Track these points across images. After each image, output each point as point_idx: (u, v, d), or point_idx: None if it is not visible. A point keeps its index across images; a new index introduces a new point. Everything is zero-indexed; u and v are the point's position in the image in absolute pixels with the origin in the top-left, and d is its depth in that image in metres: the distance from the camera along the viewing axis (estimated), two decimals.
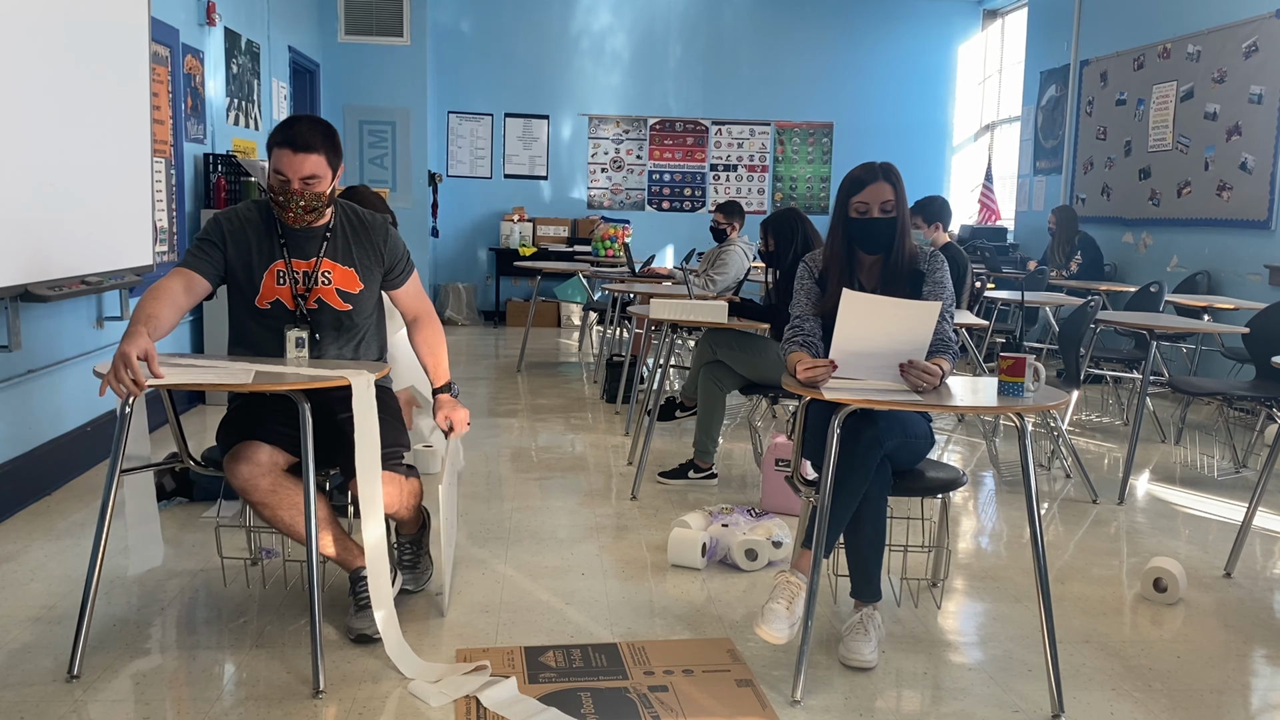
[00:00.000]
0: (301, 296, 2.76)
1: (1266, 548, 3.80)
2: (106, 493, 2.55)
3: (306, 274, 2.77)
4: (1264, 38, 6.56)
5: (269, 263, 2.76)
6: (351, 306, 2.82)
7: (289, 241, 2.77)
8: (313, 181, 2.67)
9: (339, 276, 2.80)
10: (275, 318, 2.77)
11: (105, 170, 4.25)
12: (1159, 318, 4.96)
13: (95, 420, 4.44)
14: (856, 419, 2.64)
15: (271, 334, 2.78)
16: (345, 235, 2.84)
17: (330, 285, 2.79)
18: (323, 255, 2.79)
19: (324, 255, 2.79)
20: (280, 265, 2.75)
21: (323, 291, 2.78)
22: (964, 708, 2.47)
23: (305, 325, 2.77)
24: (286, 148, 2.65)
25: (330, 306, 2.79)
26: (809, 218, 4.26)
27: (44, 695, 2.40)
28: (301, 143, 2.65)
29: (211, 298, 2.80)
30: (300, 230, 2.76)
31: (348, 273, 2.81)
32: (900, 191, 2.80)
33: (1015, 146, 10.17)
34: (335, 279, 2.79)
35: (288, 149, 2.65)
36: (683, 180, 10.90)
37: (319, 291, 2.77)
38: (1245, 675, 2.71)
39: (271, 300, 2.76)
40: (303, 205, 2.69)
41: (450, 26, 10.43)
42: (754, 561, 3.37)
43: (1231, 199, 6.84)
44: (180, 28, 5.49)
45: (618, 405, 6.09)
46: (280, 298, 2.76)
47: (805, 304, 2.89)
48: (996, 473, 4.83)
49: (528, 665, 2.60)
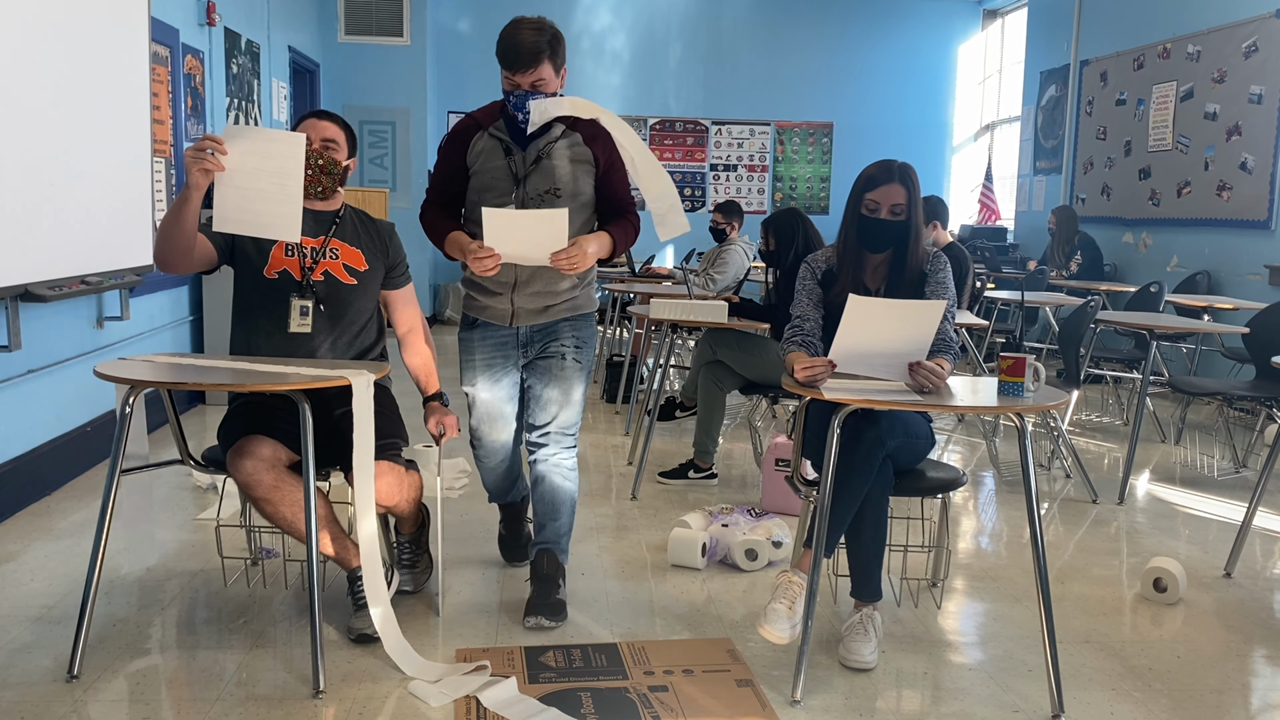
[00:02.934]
0: (309, 269, 2.85)
1: (1266, 548, 3.80)
2: (106, 493, 2.55)
3: (314, 249, 2.87)
4: (1264, 38, 6.56)
5: None
6: (356, 282, 2.90)
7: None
8: (332, 147, 2.83)
9: (346, 254, 2.91)
10: (281, 288, 2.84)
11: (105, 170, 4.25)
12: (1159, 318, 4.96)
13: (95, 420, 4.44)
14: (859, 419, 2.64)
15: (276, 304, 2.83)
16: (354, 224, 2.97)
17: (338, 260, 2.89)
18: (331, 235, 2.90)
19: (333, 235, 2.90)
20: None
21: (330, 265, 2.88)
22: (964, 708, 2.47)
23: (310, 296, 2.84)
24: (311, 117, 2.87)
25: (336, 280, 2.87)
26: (809, 218, 4.26)
27: (44, 695, 2.40)
28: (326, 115, 2.89)
29: (213, 272, 2.86)
30: (311, 212, 2.85)
31: (354, 252, 2.92)
32: (915, 195, 2.78)
33: (1015, 146, 10.17)
34: (343, 255, 2.90)
35: (312, 118, 2.87)
36: (683, 180, 10.90)
37: (326, 265, 2.87)
38: (1245, 675, 2.71)
39: (279, 270, 2.84)
40: (320, 165, 2.80)
41: (450, 26, 10.43)
42: (754, 561, 3.37)
43: (1231, 199, 6.84)
44: (180, 28, 5.49)
45: (618, 405, 6.09)
46: (288, 268, 2.84)
47: (806, 304, 2.89)
48: (996, 473, 4.83)
49: (527, 665, 2.60)
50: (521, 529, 3.33)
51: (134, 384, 2.55)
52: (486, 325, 2.99)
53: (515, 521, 3.32)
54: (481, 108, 2.98)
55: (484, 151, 2.89)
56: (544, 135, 2.88)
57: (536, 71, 2.78)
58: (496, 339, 2.98)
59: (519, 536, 3.34)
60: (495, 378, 3.00)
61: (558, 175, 2.88)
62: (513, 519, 3.32)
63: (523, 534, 3.33)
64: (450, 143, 2.94)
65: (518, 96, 2.81)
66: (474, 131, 2.92)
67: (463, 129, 2.94)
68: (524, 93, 2.80)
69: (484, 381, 3.00)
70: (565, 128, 2.90)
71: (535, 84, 2.79)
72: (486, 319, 2.98)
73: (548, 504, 3.00)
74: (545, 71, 2.80)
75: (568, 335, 2.97)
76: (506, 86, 2.83)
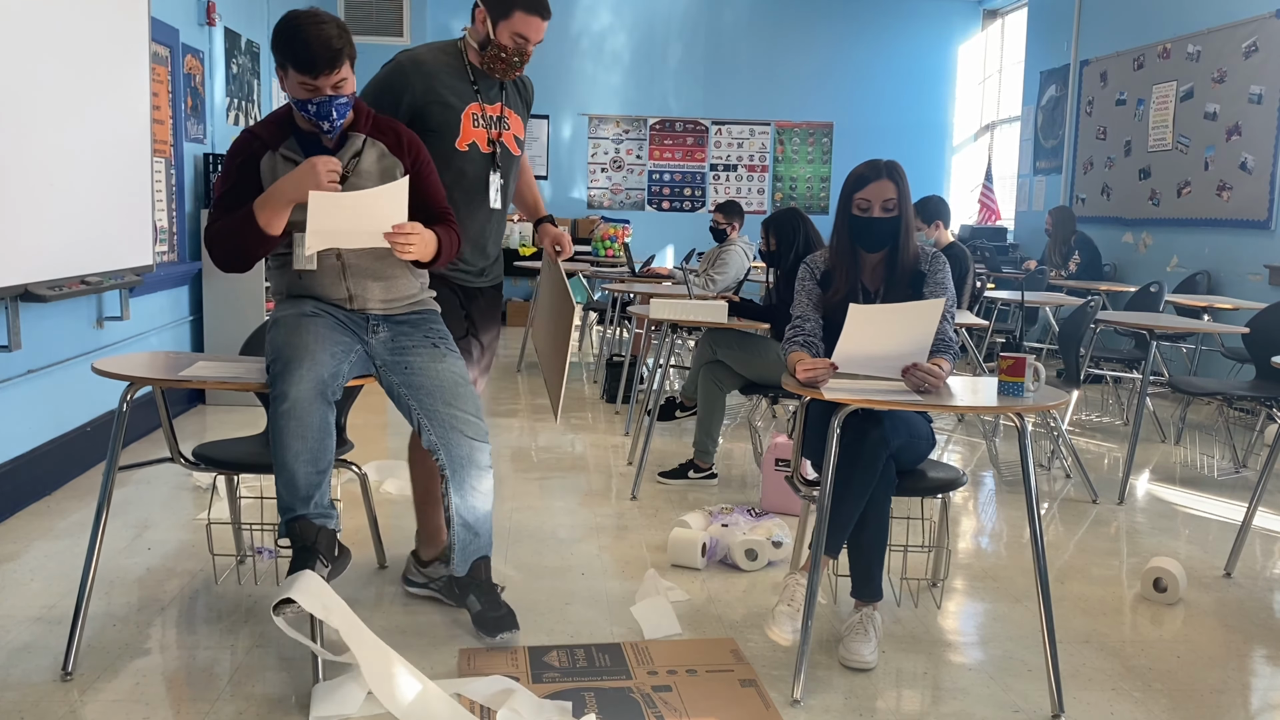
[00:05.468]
0: (494, 140, 2.98)
1: (1266, 548, 3.80)
2: (103, 491, 2.55)
3: (497, 117, 2.99)
4: (1264, 38, 6.56)
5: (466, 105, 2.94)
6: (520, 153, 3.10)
7: (480, 84, 2.98)
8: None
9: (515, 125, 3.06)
10: (475, 161, 2.95)
11: (105, 170, 4.25)
12: (1159, 318, 4.96)
13: (95, 420, 4.44)
14: (862, 419, 2.64)
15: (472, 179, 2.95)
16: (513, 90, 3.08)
17: (510, 131, 3.04)
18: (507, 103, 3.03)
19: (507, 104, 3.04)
20: (475, 108, 2.95)
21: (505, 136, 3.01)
22: (964, 708, 2.47)
23: (498, 169, 2.99)
24: (535, 15, 2.85)
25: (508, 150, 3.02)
26: (810, 218, 4.26)
27: (43, 695, 2.40)
28: (548, 11, 2.90)
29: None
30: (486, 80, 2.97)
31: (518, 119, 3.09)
32: (904, 190, 2.79)
33: (1015, 146, 10.17)
34: (513, 127, 3.05)
35: (536, 16, 2.86)
36: (683, 180, 10.90)
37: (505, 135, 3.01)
38: (1245, 675, 2.71)
39: (469, 142, 2.93)
40: (519, 59, 2.92)
41: (450, 26, 10.42)
42: (754, 561, 3.37)
43: (1231, 199, 6.84)
44: (180, 28, 5.49)
45: (618, 405, 6.09)
46: (476, 140, 2.94)
47: (806, 304, 2.89)
48: (996, 473, 4.83)
49: (531, 665, 2.60)
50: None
51: (133, 381, 2.55)
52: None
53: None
54: (260, 122, 2.69)
55: (278, 176, 2.57)
56: (345, 147, 2.63)
57: (339, 72, 2.51)
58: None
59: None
60: None
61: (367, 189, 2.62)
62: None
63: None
64: (237, 162, 2.63)
65: (318, 104, 2.51)
66: (260, 152, 2.62)
67: (245, 148, 2.64)
68: (326, 98, 2.51)
69: None
70: (366, 136, 2.66)
71: (338, 85, 2.52)
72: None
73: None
74: (346, 70, 2.53)
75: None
76: (301, 94, 2.51)
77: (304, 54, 2.46)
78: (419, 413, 2.63)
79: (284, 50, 2.50)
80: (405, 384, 2.65)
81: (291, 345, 2.49)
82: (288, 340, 2.51)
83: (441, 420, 2.62)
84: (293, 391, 2.43)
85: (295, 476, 2.44)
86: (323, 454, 2.47)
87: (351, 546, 2.64)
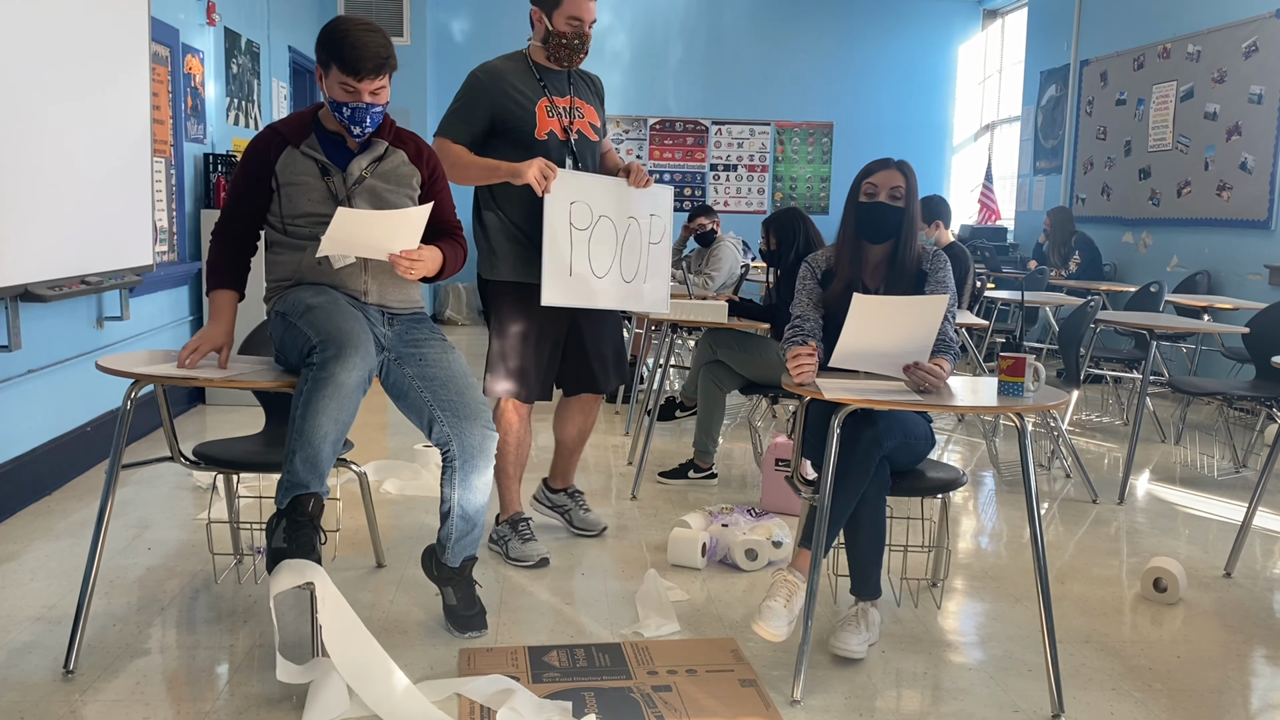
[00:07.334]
0: (569, 128, 3.27)
1: (1266, 548, 3.80)
2: (106, 490, 2.55)
3: (568, 108, 3.30)
4: (1264, 38, 6.56)
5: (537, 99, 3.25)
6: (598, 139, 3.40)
7: (547, 81, 3.29)
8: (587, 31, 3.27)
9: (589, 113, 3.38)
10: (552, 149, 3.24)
11: (105, 170, 4.25)
12: (1159, 318, 4.96)
13: (95, 420, 4.44)
14: (857, 419, 2.64)
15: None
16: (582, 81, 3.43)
17: (584, 119, 3.33)
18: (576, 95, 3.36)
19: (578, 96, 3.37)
20: (545, 101, 3.25)
21: (580, 124, 3.32)
22: (964, 708, 2.48)
23: (572, 153, 3.29)
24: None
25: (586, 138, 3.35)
26: (810, 218, 4.26)
27: (44, 695, 2.40)
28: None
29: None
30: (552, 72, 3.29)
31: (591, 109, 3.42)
32: (912, 186, 2.81)
33: (1015, 146, 10.17)
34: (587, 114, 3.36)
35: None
36: (683, 180, 10.90)
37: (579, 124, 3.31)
38: (1245, 675, 2.71)
39: (547, 131, 3.22)
40: (579, 42, 3.25)
41: (450, 26, 10.43)
42: (754, 561, 3.37)
43: (1231, 199, 6.84)
44: (180, 28, 5.49)
45: (618, 405, 6.09)
46: (553, 129, 3.24)
47: (806, 303, 2.89)
48: (996, 473, 4.83)
49: (531, 665, 2.60)
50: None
51: (138, 378, 2.55)
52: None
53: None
54: (284, 119, 2.76)
55: (295, 171, 2.67)
56: (366, 152, 2.72)
57: (380, 79, 2.60)
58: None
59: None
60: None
61: (383, 196, 2.72)
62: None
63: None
64: (250, 167, 2.70)
65: (354, 109, 2.60)
66: (280, 147, 2.70)
67: (265, 146, 2.70)
68: (363, 105, 2.60)
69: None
70: (388, 144, 2.75)
71: (376, 93, 2.60)
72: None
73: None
74: (386, 81, 2.63)
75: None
76: (340, 95, 2.59)
77: (351, 56, 2.55)
78: (432, 404, 2.67)
79: (331, 49, 2.58)
80: (420, 375, 2.70)
81: (343, 331, 2.50)
82: (338, 325, 2.52)
83: (456, 410, 2.66)
84: (345, 378, 2.45)
85: (319, 455, 2.46)
86: (343, 438, 2.54)
87: (351, 546, 2.65)
